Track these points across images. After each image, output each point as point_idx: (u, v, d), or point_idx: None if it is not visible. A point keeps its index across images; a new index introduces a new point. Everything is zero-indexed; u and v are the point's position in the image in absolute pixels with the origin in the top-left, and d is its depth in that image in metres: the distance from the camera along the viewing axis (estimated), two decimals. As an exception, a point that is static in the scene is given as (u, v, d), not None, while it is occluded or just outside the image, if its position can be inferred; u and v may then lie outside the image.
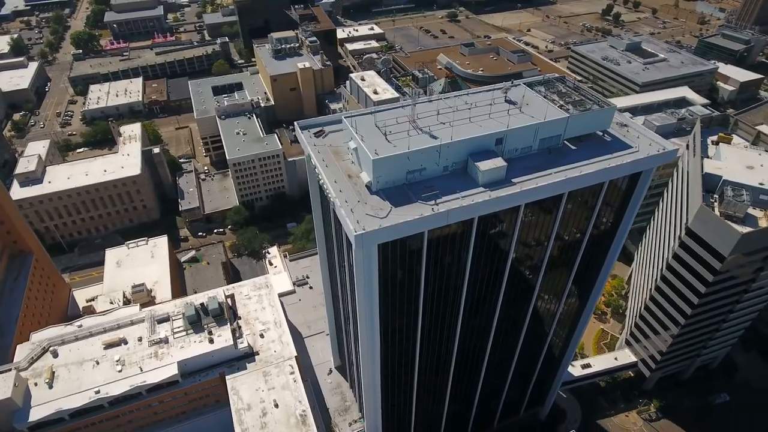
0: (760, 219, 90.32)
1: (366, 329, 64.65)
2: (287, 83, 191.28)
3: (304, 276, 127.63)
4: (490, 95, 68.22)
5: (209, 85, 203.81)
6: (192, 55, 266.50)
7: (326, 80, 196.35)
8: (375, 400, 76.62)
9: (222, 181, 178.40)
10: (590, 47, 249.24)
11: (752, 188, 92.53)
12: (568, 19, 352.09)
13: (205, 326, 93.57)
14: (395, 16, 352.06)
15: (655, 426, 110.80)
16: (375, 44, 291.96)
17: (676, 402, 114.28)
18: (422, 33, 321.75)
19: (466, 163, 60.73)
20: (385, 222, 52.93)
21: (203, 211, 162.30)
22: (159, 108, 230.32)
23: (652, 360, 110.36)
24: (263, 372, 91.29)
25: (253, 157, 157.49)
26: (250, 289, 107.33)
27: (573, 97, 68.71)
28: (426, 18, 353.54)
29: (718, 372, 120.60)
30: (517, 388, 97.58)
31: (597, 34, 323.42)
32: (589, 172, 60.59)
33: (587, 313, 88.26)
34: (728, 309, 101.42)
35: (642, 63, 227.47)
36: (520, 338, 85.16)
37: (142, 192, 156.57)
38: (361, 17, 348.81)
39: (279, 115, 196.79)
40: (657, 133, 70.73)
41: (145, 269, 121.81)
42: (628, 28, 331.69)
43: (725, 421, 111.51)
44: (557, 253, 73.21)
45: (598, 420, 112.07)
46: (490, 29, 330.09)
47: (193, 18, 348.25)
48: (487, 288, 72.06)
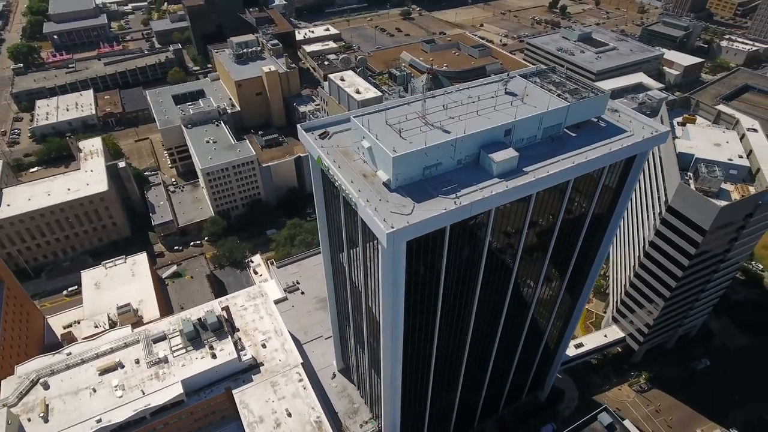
0: (732, 192, 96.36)
1: (389, 327, 64.55)
2: (253, 88, 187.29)
3: (294, 282, 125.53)
4: (491, 88, 69.46)
5: (169, 93, 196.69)
6: (144, 64, 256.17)
7: (292, 83, 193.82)
8: (395, 397, 76.65)
9: (193, 192, 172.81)
10: (544, 39, 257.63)
11: (722, 164, 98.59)
12: (518, 12, 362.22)
13: (206, 341, 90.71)
14: (349, 16, 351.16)
15: (646, 396, 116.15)
16: (333, 45, 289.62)
17: (662, 371, 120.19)
18: (378, 32, 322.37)
19: (478, 155, 61.64)
20: (411, 218, 53.01)
21: (177, 225, 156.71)
22: (114, 120, 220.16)
23: (640, 333, 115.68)
24: (271, 382, 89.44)
25: (226, 165, 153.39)
26: (245, 300, 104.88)
27: (568, 86, 71.06)
28: (380, 17, 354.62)
29: (697, 339, 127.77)
30: (520, 373, 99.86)
31: (546, 27, 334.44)
32: (595, 157, 62.84)
33: (584, 297, 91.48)
34: (707, 279, 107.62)
35: (594, 52, 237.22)
36: (526, 325, 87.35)
37: (110, 209, 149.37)
38: (315, 18, 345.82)
39: (246, 121, 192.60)
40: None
41: (127, 288, 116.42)
42: (575, 20, 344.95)
43: (708, 384, 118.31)
44: (561, 239, 75.31)
45: (593, 396, 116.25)
46: (444, 25, 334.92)
47: (139, 26, 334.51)
48: (499, 277, 73.48)
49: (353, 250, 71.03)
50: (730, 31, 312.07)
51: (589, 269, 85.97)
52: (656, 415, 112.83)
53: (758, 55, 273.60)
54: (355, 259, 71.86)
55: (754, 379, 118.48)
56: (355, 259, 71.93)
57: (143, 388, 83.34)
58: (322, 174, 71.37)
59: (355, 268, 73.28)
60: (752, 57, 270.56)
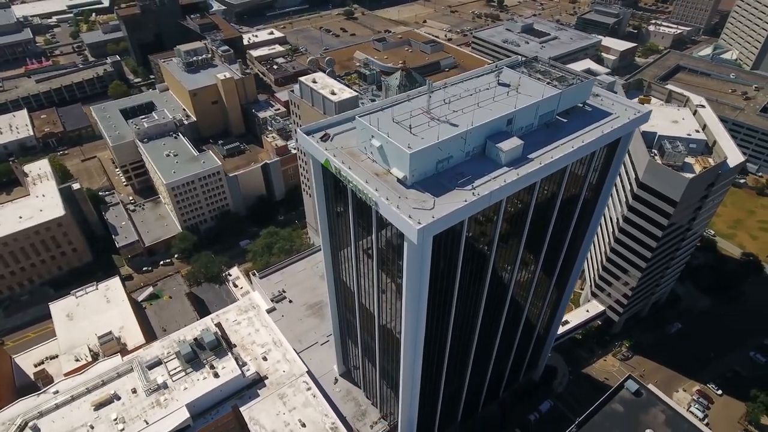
0: (694, 165, 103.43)
1: (412, 323, 64.76)
2: (208, 96, 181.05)
3: (280, 291, 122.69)
4: (485, 80, 71.08)
5: (116, 108, 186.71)
6: (81, 79, 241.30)
7: (249, 89, 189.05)
8: (413, 392, 76.95)
9: (155, 209, 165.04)
10: (489, 32, 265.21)
11: (683, 139, 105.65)
12: (458, 8, 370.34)
13: (205, 361, 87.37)
14: (292, 18, 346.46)
15: (630, 363, 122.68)
16: (279, 48, 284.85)
17: (640, 338, 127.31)
18: (324, 33, 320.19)
19: (484, 146, 62.94)
20: (436, 213, 53.37)
21: (144, 244, 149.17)
22: (56, 141, 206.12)
23: (619, 305, 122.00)
24: (278, 395, 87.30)
25: (191, 178, 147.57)
26: (237, 314, 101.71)
27: (553, 74, 73.77)
28: (323, 18, 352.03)
29: (667, 305, 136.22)
30: (519, 356, 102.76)
31: (487, 20, 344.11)
32: (592, 140, 65.72)
33: (574, 278, 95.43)
34: (676, 248, 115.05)
35: (538, 42, 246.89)
36: (525, 309, 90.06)
37: (69, 234, 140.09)
38: (256, 22, 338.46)
39: (203, 131, 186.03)
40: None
41: (103, 316, 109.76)
42: (512, 12, 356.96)
43: (683, 345, 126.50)
44: (557, 224, 78.03)
45: (582, 370, 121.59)
46: (388, 23, 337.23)
47: (68, 39, 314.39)
48: (505, 265, 75.39)
49: (363, 251, 70.49)
50: (655, 16, 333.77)
51: (579, 251, 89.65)
52: (642, 380, 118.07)
53: (683, 37, 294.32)
54: (364, 259, 71.32)
55: (721, 336, 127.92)
56: (365, 260, 71.38)
57: (146, 417, 79.09)
58: (323, 177, 70.52)
59: (364, 268, 72.68)
60: (678, 39, 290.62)
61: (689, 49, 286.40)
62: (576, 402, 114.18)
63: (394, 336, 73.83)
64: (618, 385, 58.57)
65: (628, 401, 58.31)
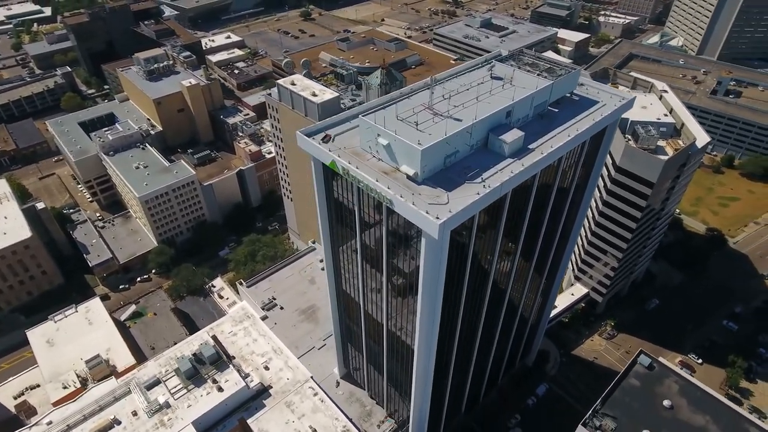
0: (666, 147, 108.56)
1: (426, 323, 65.04)
2: (174, 105, 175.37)
3: (270, 298, 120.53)
4: (479, 74, 72.21)
5: (74, 121, 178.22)
6: (30, 93, 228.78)
7: (215, 95, 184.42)
8: (425, 391, 77.43)
9: (126, 224, 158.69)
10: (450, 28, 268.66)
11: (654, 124, 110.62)
12: (414, 5, 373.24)
13: (206, 376, 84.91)
14: (248, 21, 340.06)
15: (615, 341, 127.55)
16: (239, 52, 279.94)
17: (623, 317, 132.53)
18: (282, 35, 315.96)
19: (487, 139, 63.95)
20: (452, 207, 53.78)
21: (118, 262, 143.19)
22: (8, 159, 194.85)
23: (603, 286, 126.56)
24: (285, 403, 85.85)
25: (165, 190, 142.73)
26: (232, 325, 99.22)
27: (541, 66, 75.70)
28: (280, 20, 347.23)
29: (644, 283, 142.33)
30: (516, 344, 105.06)
31: (444, 17, 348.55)
32: (586, 128, 67.87)
33: (565, 264, 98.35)
34: (652, 227, 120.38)
35: (498, 36, 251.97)
36: (522, 298, 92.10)
37: (37, 257, 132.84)
38: (211, 27, 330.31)
39: (170, 141, 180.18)
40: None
41: (87, 339, 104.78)
42: (468, 8, 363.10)
43: (662, 320, 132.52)
44: (552, 214, 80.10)
45: (572, 351, 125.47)
46: (347, 23, 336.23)
47: (9, 51, 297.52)
48: (508, 256, 76.81)
49: (370, 254, 69.98)
50: (604, 7, 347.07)
51: (569, 239, 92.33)
52: (627, 356, 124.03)
53: (631, 26, 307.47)
54: (372, 262, 70.81)
55: (695, 308, 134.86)
56: (372, 263, 70.90)
57: (151, 439, 76.16)
58: (324, 179, 69.93)
59: (371, 272, 72.19)
60: (627, 29, 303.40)
61: (638, 38, 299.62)
62: (569, 383, 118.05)
63: (406, 339, 73.99)
64: (632, 361, 61.08)
65: (643, 375, 60.80)
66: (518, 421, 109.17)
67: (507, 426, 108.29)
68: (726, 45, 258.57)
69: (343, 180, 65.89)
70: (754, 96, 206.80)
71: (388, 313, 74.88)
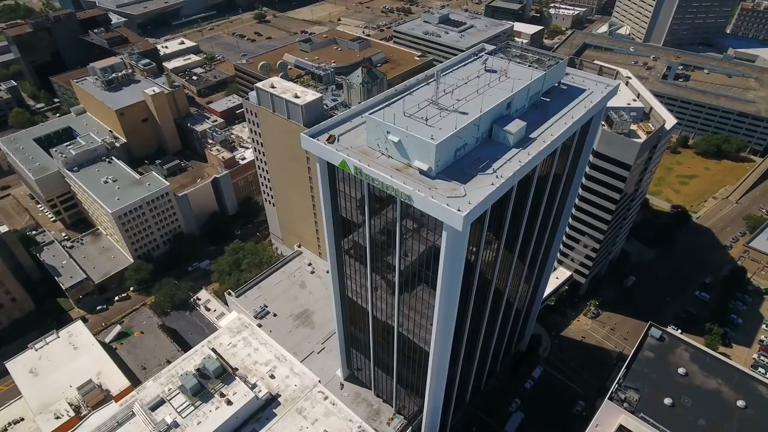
0: (638, 131, 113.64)
1: (444, 314, 65.76)
2: (137, 115, 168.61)
3: (262, 306, 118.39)
4: (474, 68, 73.50)
5: (29, 138, 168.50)
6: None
7: (180, 103, 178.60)
8: (440, 383, 78.30)
9: (96, 242, 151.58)
10: (409, 25, 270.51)
11: (626, 109, 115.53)
12: (369, 4, 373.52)
13: (213, 390, 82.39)
14: (200, 26, 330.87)
15: (600, 320, 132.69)
16: (195, 58, 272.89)
17: (604, 295, 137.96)
18: (238, 39, 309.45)
19: (490, 130, 65.25)
20: (471, 199, 54.64)
21: (93, 282, 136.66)
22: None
23: (585, 267, 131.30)
24: (296, 410, 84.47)
25: (139, 203, 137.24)
26: (230, 337, 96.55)
27: (529, 57, 77.87)
28: (233, 23, 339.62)
29: (620, 261, 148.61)
30: (512, 331, 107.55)
31: (399, 14, 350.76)
32: (580, 115, 70.36)
33: (555, 250, 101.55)
34: (628, 207, 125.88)
35: (457, 32, 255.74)
36: (520, 286, 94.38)
37: (5, 284, 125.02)
38: (161, 33, 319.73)
39: (135, 152, 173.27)
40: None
41: (75, 365, 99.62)
42: (423, 4, 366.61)
43: (639, 295, 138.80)
44: (548, 203, 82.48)
45: (561, 333, 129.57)
46: (303, 24, 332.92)
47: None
48: (511, 246, 78.49)
49: (383, 249, 69.90)
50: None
51: (558, 226, 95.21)
52: (612, 332, 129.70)
53: (581, 17, 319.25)
54: (385, 258, 70.71)
55: (669, 282, 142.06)
56: (385, 258, 70.83)
57: (163, 462, 73.43)
58: (329, 179, 69.22)
59: (382, 271, 72.13)
60: (576, 20, 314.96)
61: (587, 28, 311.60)
62: (562, 363, 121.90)
63: (418, 339, 74.50)
64: (643, 335, 64.02)
65: (656, 347, 63.83)
66: (519, 405, 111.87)
67: (509, 411, 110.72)
68: (670, 32, 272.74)
69: (350, 180, 65.62)
70: (700, 79, 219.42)
71: (399, 313, 75.04)
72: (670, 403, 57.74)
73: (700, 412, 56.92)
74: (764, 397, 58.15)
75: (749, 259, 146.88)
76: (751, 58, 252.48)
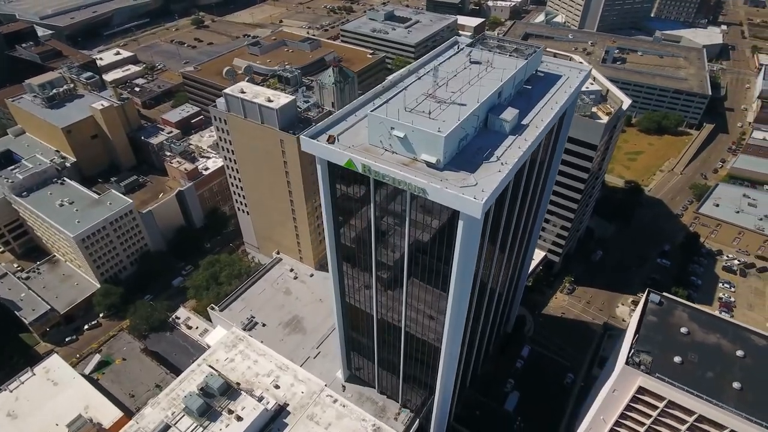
0: (598, 112, 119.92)
1: (458, 305, 66.98)
2: (86, 131, 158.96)
3: (249, 318, 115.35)
4: (459, 60, 75.11)
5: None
6: None
7: (131, 116, 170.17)
8: (450, 372, 79.74)
9: (55, 270, 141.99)
10: (355, 23, 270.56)
11: (586, 92, 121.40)
12: (309, 4, 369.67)
13: (220, 408, 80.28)
14: (135, 34, 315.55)
15: (575, 295, 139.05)
16: (135, 68, 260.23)
17: (576, 271, 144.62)
18: (178, 46, 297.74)
19: (486, 120, 67.04)
20: (485, 187, 56.08)
21: (59, 312, 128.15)
22: None
23: (558, 246, 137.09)
24: (307, 416, 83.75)
25: (103, 224, 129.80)
26: (226, 352, 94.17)
27: (507, 47, 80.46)
28: (170, 30, 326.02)
29: (586, 238, 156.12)
30: (503, 314, 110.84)
31: (342, 13, 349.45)
32: (564, 100, 73.67)
33: (537, 233, 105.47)
34: (593, 185, 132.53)
35: (404, 27, 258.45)
36: (510, 270, 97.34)
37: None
38: (93, 44, 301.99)
39: (87, 171, 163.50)
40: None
41: (58, 401, 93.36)
42: (363, 2, 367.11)
43: (608, 268, 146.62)
44: (534, 185, 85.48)
45: (542, 312, 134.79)
46: (244, 27, 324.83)
47: None
48: (506, 230, 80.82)
49: (390, 244, 70.01)
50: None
51: (540, 208, 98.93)
52: (588, 306, 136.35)
53: (518, 8, 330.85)
54: (393, 254, 70.82)
55: (632, 253, 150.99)
56: (392, 255, 70.93)
57: (179, 487, 70.59)
58: (331, 182, 68.57)
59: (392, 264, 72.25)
60: (514, 10, 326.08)
61: (525, 18, 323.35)
62: (547, 340, 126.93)
63: (428, 334, 75.43)
64: (644, 301, 67.99)
65: (657, 311, 68.02)
66: (513, 385, 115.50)
67: (504, 391, 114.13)
68: (602, 18, 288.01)
69: (353, 179, 65.33)
70: (636, 61, 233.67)
71: (407, 307, 75.40)
72: (680, 360, 62.00)
73: (707, 366, 61.59)
74: (757, 345, 63.90)
75: (700, 224, 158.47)
76: (676, 39, 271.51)
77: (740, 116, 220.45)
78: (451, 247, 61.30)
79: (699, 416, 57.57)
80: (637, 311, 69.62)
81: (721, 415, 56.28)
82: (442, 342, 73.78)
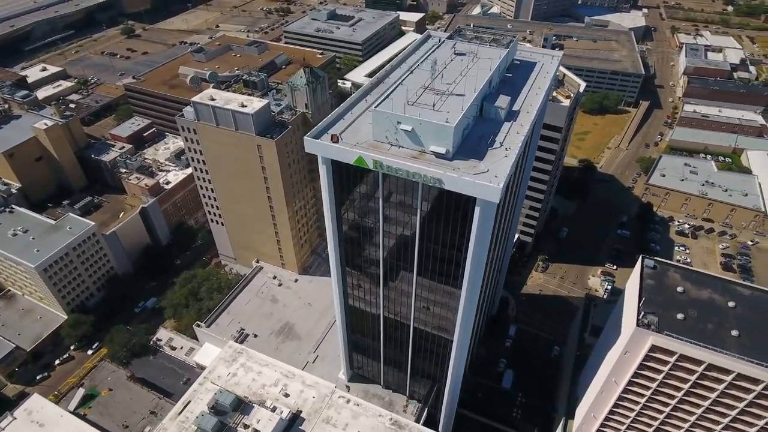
0: (558, 96, 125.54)
1: (470, 289, 68.70)
2: (30, 154, 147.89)
3: (239, 330, 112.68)
4: (446, 52, 76.81)
5: None
6: None
7: (77, 133, 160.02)
8: (461, 359, 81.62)
9: (12, 305, 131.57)
10: (299, 24, 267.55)
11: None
12: (244, 7, 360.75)
13: (235, 424, 77.95)
14: (60, 48, 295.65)
15: (549, 272, 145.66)
16: (67, 84, 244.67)
17: (547, 249, 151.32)
18: (110, 57, 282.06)
19: (481, 108, 69.18)
20: (497, 173, 58.06)
21: (25, 350, 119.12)
22: None
23: (529, 227, 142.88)
24: (323, 420, 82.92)
25: (65, 251, 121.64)
26: (227, 367, 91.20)
27: (485, 38, 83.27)
28: (99, 42, 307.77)
29: (552, 218, 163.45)
30: (491, 298, 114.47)
31: (279, 15, 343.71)
32: (547, 86, 77.22)
33: (518, 217, 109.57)
34: (557, 167, 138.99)
35: (348, 26, 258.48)
36: (501, 254, 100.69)
37: None
38: (14, 61, 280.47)
39: (34, 197, 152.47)
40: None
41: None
42: (300, 3, 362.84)
43: (575, 244, 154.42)
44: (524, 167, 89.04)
45: (522, 291, 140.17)
46: (179, 34, 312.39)
47: None
48: (505, 215, 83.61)
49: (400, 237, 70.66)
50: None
51: (522, 191, 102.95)
52: (563, 281, 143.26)
53: (454, 1, 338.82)
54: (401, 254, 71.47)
55: (594, 227, 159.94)
56: (402, 248, 71.54)
57: None
58: (333, 178, 68.10)
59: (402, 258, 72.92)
60: (451, 4, 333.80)
61: (461, 10, 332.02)
62: (530, 317, 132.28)
63: (441, 325, 76.91)
64: (640, 267, 72.79)
65: (653, 275, 73.08)
66: (506, 364, 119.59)
67: (498, 371, 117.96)
68: (535, 7, 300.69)
69: (359, 176, 65.49)
70: (572, 46, 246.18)
71: (416, 299, 76.38)
72: (682, 317, 67.16)
73: (706, 319, 67.27)
74: (744, 295, 70.49)
75: (651, 194, 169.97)
76: (604, 24, 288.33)
77: (670, 92, 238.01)
78: (465, 235, 63.01)
79: (708, 365, 62.79)
80: (634, 277, 74.65)
81: (727, 361, 61.75)
82: (454, 333, 75.49)
